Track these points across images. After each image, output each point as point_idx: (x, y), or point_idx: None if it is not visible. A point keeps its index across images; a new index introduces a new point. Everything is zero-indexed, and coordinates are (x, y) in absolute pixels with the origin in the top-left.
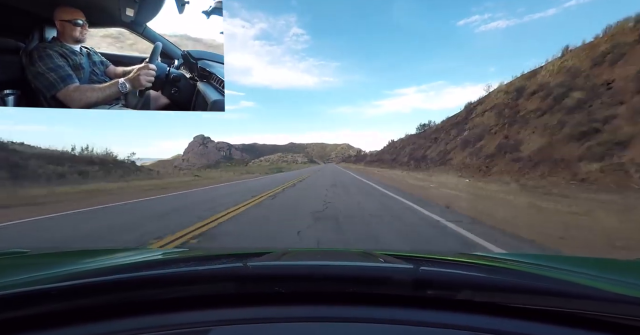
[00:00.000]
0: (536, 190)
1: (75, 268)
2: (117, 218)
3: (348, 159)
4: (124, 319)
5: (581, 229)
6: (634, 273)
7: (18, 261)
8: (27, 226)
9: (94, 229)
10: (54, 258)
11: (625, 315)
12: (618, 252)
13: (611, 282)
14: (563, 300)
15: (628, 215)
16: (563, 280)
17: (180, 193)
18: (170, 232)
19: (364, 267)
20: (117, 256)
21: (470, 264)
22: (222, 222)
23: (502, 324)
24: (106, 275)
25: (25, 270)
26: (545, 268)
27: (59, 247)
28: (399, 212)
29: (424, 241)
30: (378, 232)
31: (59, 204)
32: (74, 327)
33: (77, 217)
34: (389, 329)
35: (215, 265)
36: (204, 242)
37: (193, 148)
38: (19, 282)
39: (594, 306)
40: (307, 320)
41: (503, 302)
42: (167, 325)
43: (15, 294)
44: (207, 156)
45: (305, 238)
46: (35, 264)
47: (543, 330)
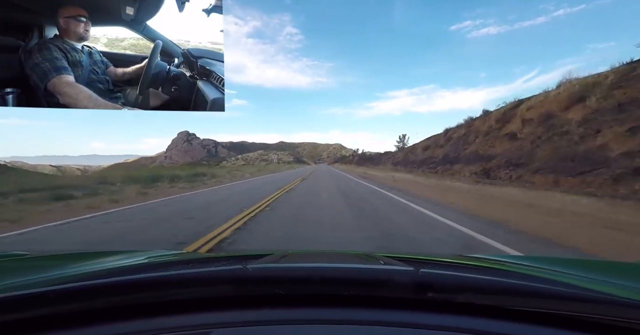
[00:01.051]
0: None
1: (74, 271)
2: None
3: (342, 159)
4: (123, 321)
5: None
6: (634, 276)
7: (17, 264)
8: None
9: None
10: (52, 261)
11: (627, 318)
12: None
13: (612, 285)
14: (563, 302)
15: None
16: (563, 283)
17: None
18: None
19: (364, 269)
20: (117, 259)
21: (470, 266)
22: None
23: (503, 327)
24: (104, 278)
25: (24, 273)
26: (546, 271)
27: (61, 250)
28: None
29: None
30: None
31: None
32: (72, 330)
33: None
34: (389, 332)
35: (215, 268)
36: None
37: (177, 145)
38: (17, 285)
39: (594, 309)
40: (307, 323)
41: (504, 305)
42: (166, 328)
43: (13, 297)
44: (192, 153)
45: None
46: (34, 267)
47: (543, 332)
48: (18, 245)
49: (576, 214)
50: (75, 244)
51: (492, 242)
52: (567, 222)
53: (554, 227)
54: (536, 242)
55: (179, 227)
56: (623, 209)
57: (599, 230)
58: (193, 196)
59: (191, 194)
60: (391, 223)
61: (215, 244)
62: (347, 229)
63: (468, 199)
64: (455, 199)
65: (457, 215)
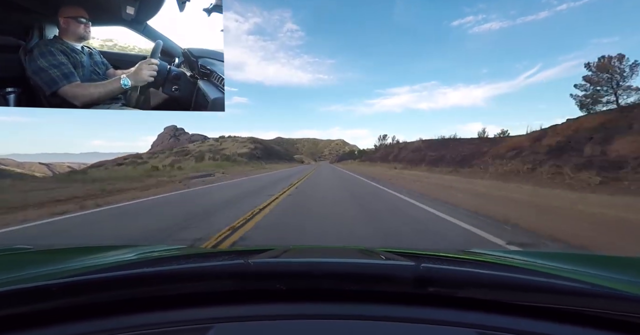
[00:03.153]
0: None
1: (76, 265)
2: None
3: (349, 156)
4: (125, 315)
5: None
6: (634, 270)
7: (21, 258)
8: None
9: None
10: (56, 255)
11: (628, 312)
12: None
13: (615, 280)
14: (564, 297)
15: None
16: (564, 277)
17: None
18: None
19: (365, 264)
20: (120, 253)
21: (472, 261)
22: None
23: (504, 321)
24: (106, 272)
25: (27, 266)
26: (547, 265)
27: (63, 243)
28: None
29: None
30: None
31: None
32: (75, 324)
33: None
34: (391, 327)
35: (217, 262)
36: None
37: (163, 140)
38: (19, 279)
39: (597, 304)
40: (308, 318)
41: (506, 300)
42: (168, 322)
43: (15, 290)
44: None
45: None
46: (36, 261)
47: (545, 327)
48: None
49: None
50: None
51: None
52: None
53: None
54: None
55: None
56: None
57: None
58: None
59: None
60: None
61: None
62: None
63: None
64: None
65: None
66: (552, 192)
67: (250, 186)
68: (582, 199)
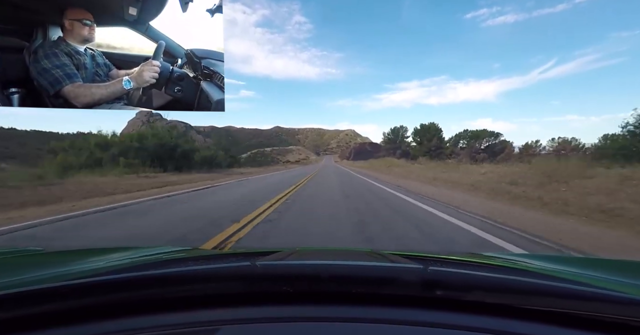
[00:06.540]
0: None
1: (84, 267)
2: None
3: (373, 149)
4: (133, 317)
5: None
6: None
7: (30, 260)
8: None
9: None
10: (66, 257)
11: (626, 316)
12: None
13: (624, 284)
14: (575, 302)
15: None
16: (575, 281)
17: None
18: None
19: (372, 267)
20: (125, 255)
21: (480, 265)
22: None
23: (513, 325)
24: (115, 274)
25: (37, 268)
26: (556, 269)
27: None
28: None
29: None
30: None
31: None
32: (84, 326)
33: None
34: (398, 330)
35: (223, 265)
36: None
37: (134, 128)
38: (29, 280)
39: (608, 309)
40: (314, 320)
41: (514, 304)
42: (175, 324)
43: (26, 292)
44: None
45: None
46: (47, 263)
47: (557, 333)
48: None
49: None
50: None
51: None
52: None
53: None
54: None
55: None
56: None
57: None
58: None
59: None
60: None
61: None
62: None
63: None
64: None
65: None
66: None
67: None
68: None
